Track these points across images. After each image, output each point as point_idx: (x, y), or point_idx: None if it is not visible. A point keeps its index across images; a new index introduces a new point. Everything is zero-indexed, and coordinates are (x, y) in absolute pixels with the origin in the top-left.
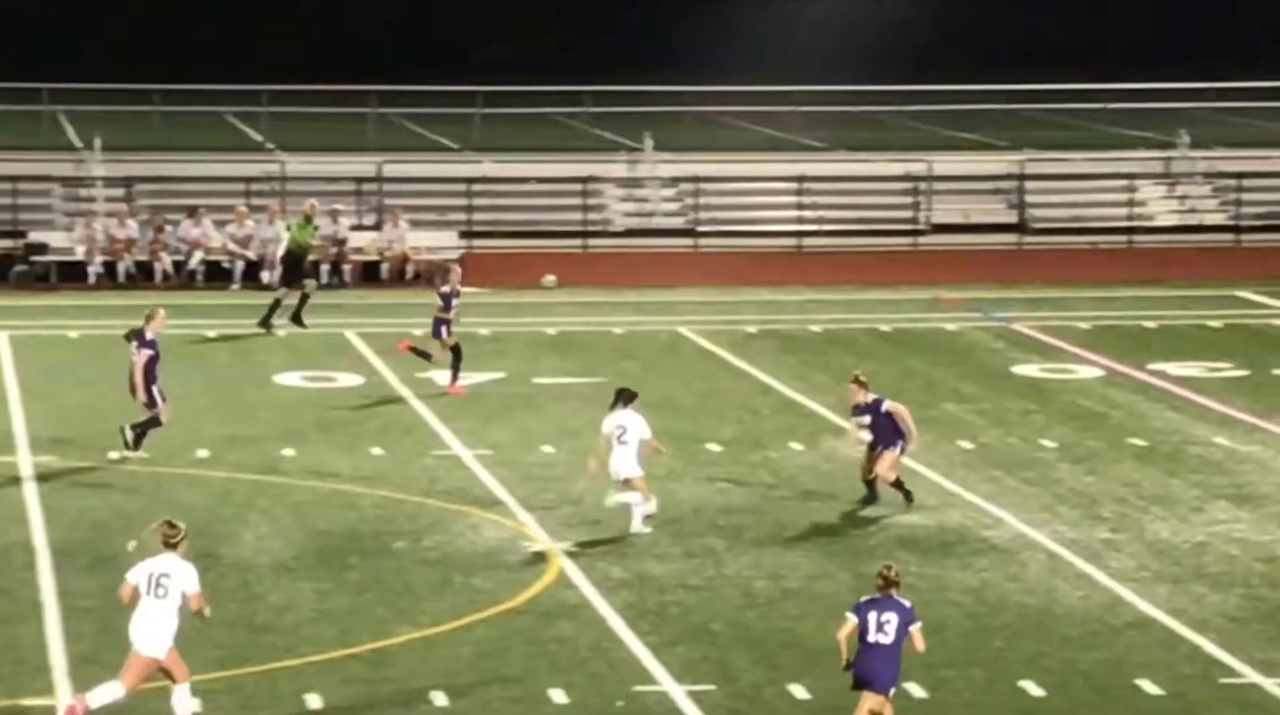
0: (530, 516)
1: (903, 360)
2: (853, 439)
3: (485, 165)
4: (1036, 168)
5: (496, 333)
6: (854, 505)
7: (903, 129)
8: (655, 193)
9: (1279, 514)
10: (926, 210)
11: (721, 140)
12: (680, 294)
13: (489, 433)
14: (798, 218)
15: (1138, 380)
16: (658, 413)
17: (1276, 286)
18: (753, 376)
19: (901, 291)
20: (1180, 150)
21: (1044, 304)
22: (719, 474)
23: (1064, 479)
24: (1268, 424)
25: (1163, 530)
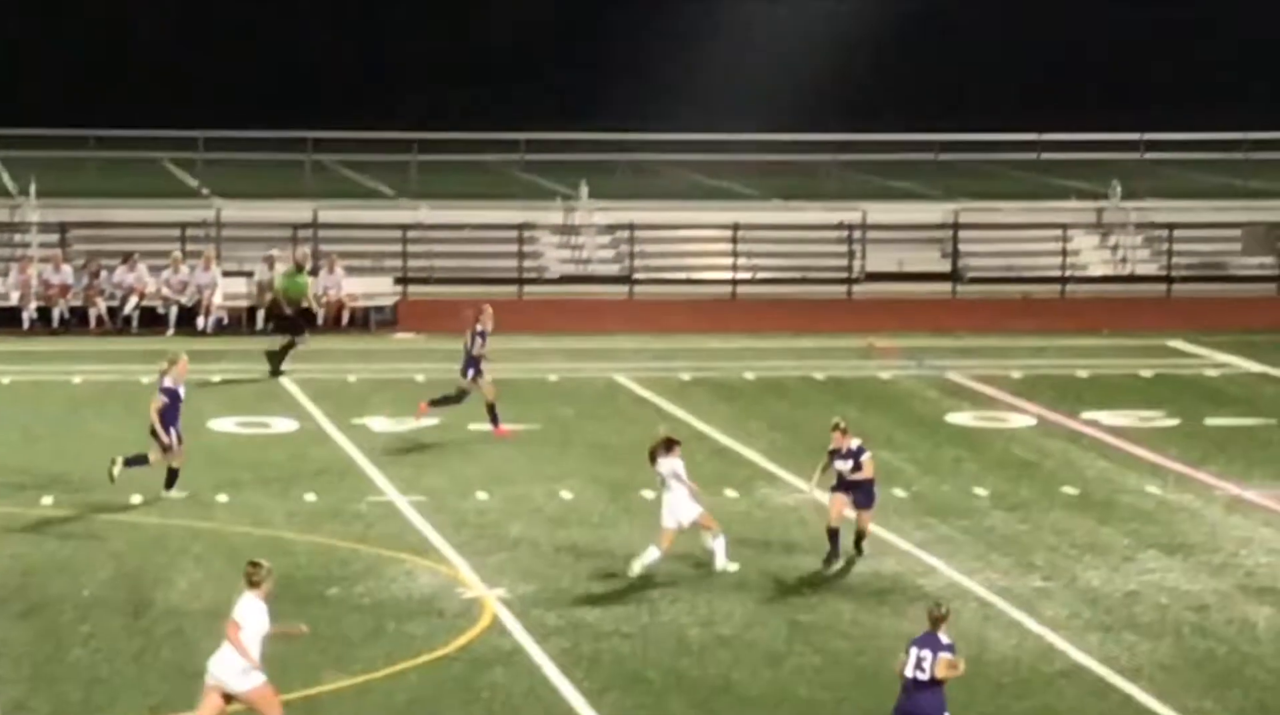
0: (464, 563)
1: (836, 408)
2: (813, 497)
3: (421, 212)
4: (970, 217)
5: (431, 379)
6: (788, 552)
7: (837, 178)
8: (591, 240)
9: (1210, 563)
10: (861, 259)
11: (657, 188)
12: (615, 341)
13: (423, 479)
14: (732, 265)
15: (1070, 429)
16: (592, 460)
17: (1207, 336)
18: (687, 423)
19: (836, 339)
20: (1112, 201)
21: (977, 353)
22: (654, 521)
23: (996, 527)
24: (1199, 473)
25: (1094, 579)
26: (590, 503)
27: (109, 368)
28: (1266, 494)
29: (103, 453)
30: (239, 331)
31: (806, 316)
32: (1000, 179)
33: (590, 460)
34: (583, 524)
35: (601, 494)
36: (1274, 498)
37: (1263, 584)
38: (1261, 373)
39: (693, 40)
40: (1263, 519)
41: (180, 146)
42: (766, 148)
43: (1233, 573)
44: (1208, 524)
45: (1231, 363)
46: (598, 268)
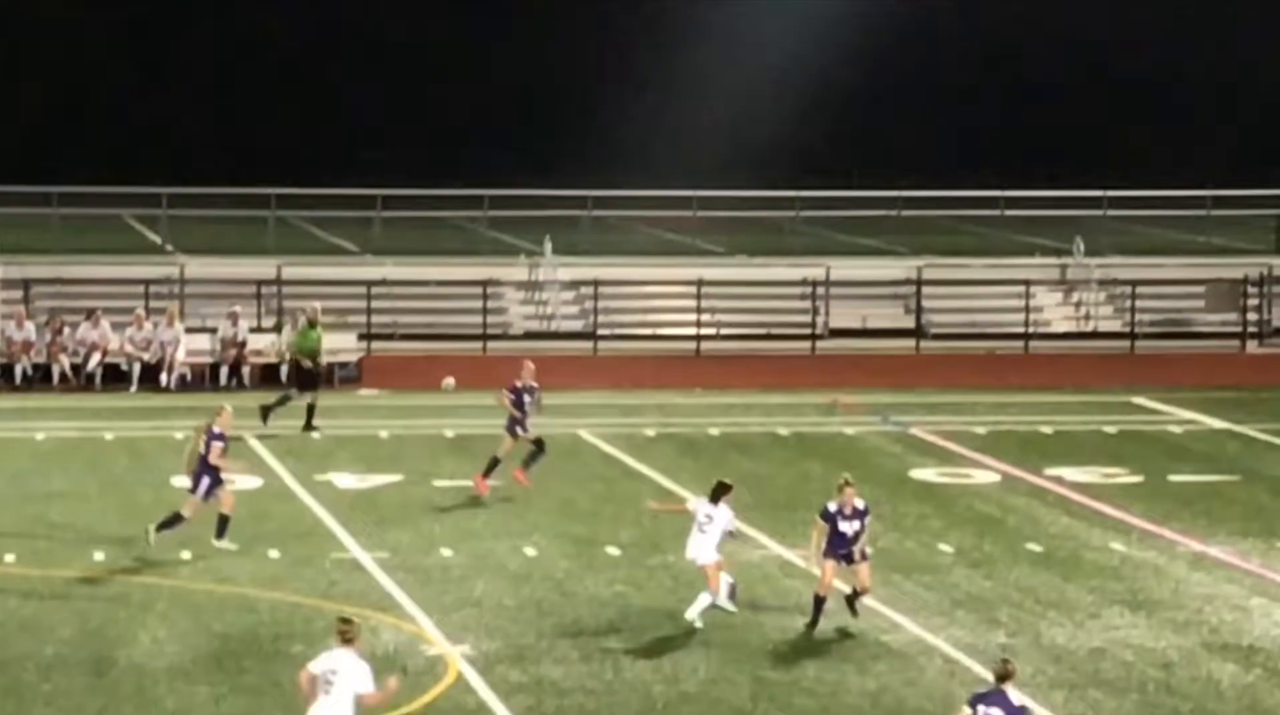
0: (428, 619)
1: (801, 464)
2: (814, 558)
3: (385, 268)
4: (934, 273)
5: (395, 435)
6: (753, 609)
7: (801, 234)
8: (555, 296)
9: (1174, 620)
10: (824, 315)
11: (620, 244)
12: (580, 397)
13: (387, 535)
14: (696, 321)
15: (1034, 485)
16: (556, 516)
17: (1171, 393)
18: (652, 479)
19: (800, 395)
20: (1076, 257)
21: (941, 408)
22: (618, 577)
23: (961, 583)
24: (1163, 530)
25: (1059, 636)
26: (554, 559)
27: (72, 425)
28: (1230, 550)
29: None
30: (202, 388)
31: (771, 372)
32: (964, 235)
33: (554, 516)
34: (547, 580)
35: (566, 550)
36: (1237, 554)
37: (1226, 641)
38: (1225, 429)
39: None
40: (1226, 575)
41: (144, 203)
42: (731, 203)
43: (1197, 629)
44: (1172, 580)
45: (1195, 419)
46: (562, 324)
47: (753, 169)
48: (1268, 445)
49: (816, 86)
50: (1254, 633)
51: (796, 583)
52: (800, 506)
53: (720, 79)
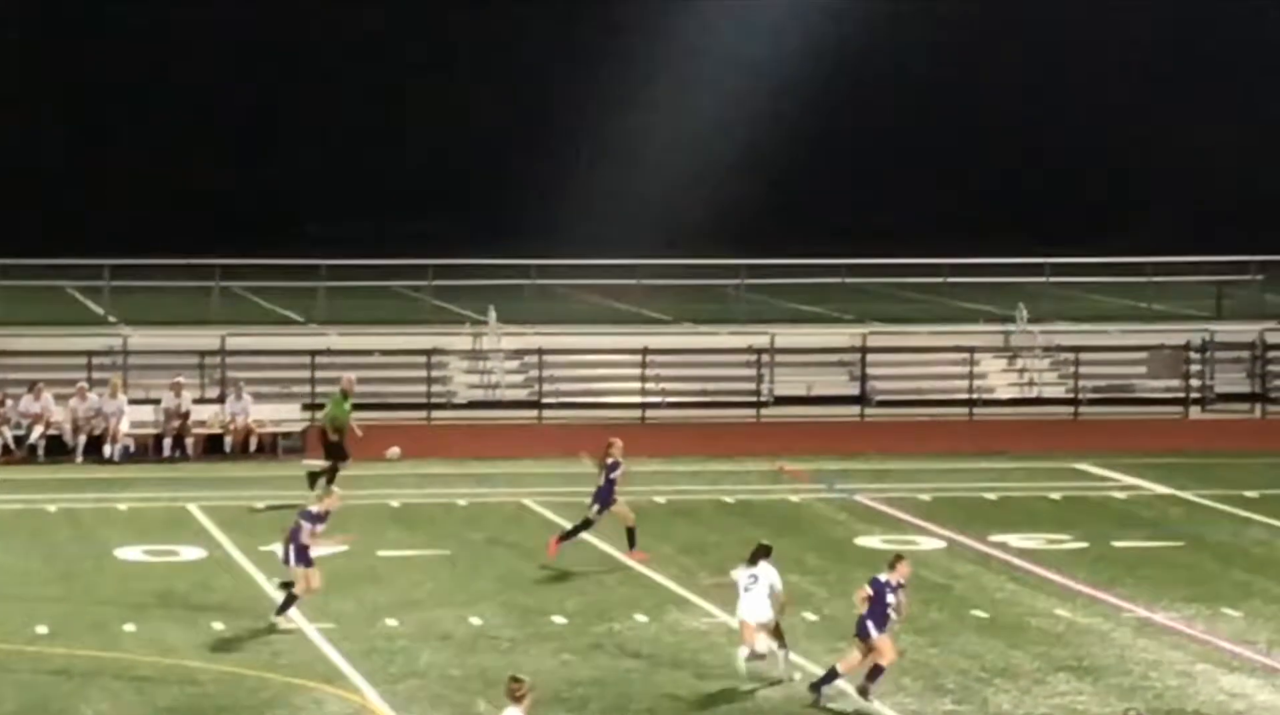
0: (373, 690)
1: (746, 531)
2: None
3: (329, 338)
4: (878, 340)
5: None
6: (699, 676)
7: (745, 302)
8: (499, 365)
9: (1120, 685)
10: (769, 382)
11: (565, 313)
12: (524, 466)
13: (332, 605)
14: (641, 389)
15: (979, 552)
16: (502, 585)
17: (1115, 459)
18: (597, 548)
19: (745, 463)
20: (1019, 324)
21: (886, 476)
22: (564, 646)
23: (906, 651)
24: (1108, 596)
25: (1005, 702)
26: (500, 628)
27: (14, 497)
28: (1175, 616)
29: (8, 582)
30: (146, 459)
31: (716, 440)
32: (908, 302)
33: (500, 585)
34: (493, 650)
35: (512, 619)
36: (1182, 620)
37: (1171, 706)
38: (1169, 495)
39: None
40: (1171, 641)
41: (86, 274)
42: (675, 272)
43: (1142, 695)
44: (1117, 646)
45: (1139, 485)
46: (506, 393)
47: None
48: (1211, 511)
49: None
50: (1198, 699)
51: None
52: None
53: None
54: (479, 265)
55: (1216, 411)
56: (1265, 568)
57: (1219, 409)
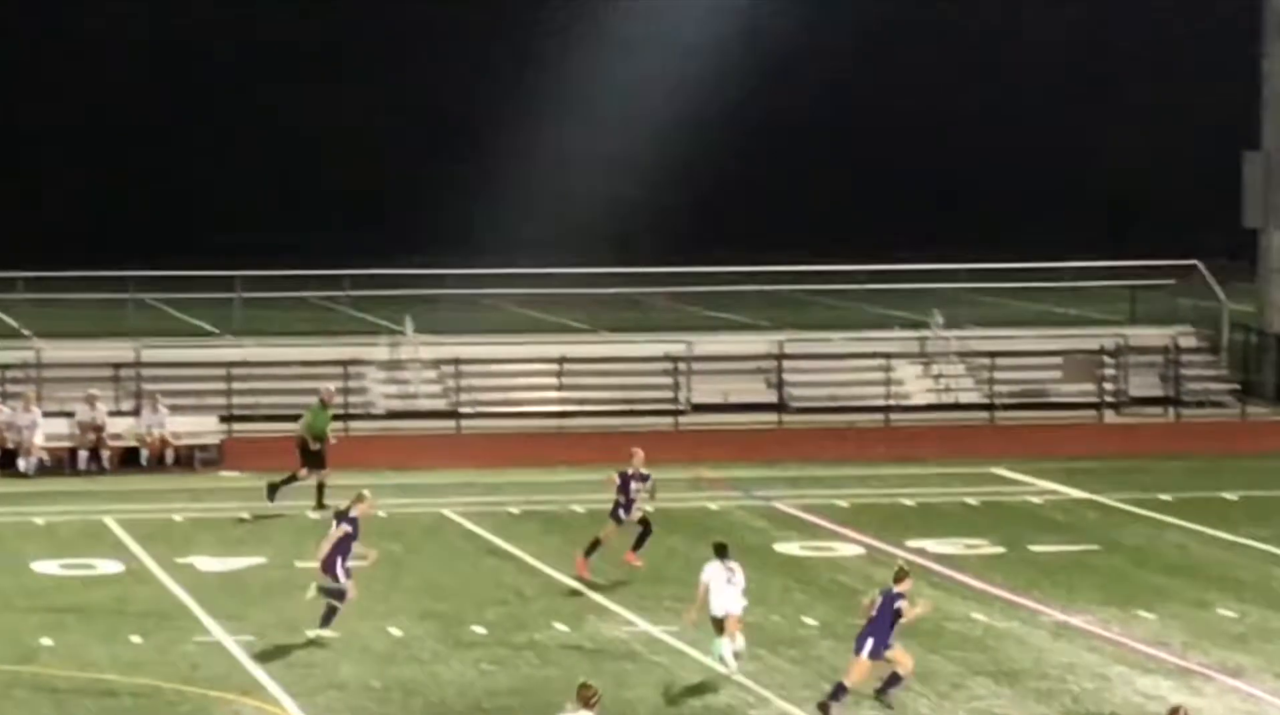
0: (293, 702)
1: (664, 540)
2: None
3: (245, 349)
4: (795, 347)
5: (258, 517)
6: (619, 684)
7: (662, 310)
8: (417, 375)
9: (1037, 689)
10: (686, 390)
11: (482, 322)
12: (443, 476)
13: (250, 618)
14: (559, 398)
15: (897, 557)
16: (421, 596)
17: (1031, 463)
18: (517, 557)
19: (663, 471)
20: (934, 330)
21: (804, 482)
22: (484, 656)
23: (826, 656)
24: (1025, 600)
25: (923, 707)
26: (420, 639)
27: None
28: (1090, 619)
29: None
30: (61, 472)
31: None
32: (824, 309)
33: (419, 596)
34: (413, 661)
35: (431, 630)
36: (1098, 623)
37: (1088, 709)
38: (1085, 499)
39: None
40: (1087, 644)
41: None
42: (592, 280)
43: (1059, 698)
44: (1034, 650)
45: (1055, 489)
46: (424, 403)
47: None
48: (1126, 514)
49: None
50: (1115, 701)
51: (663, 659)
52: (665, 582)
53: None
54: (395, 275)
55: (1131, 415)
56: (1180, 570)
57: (1133, 413)
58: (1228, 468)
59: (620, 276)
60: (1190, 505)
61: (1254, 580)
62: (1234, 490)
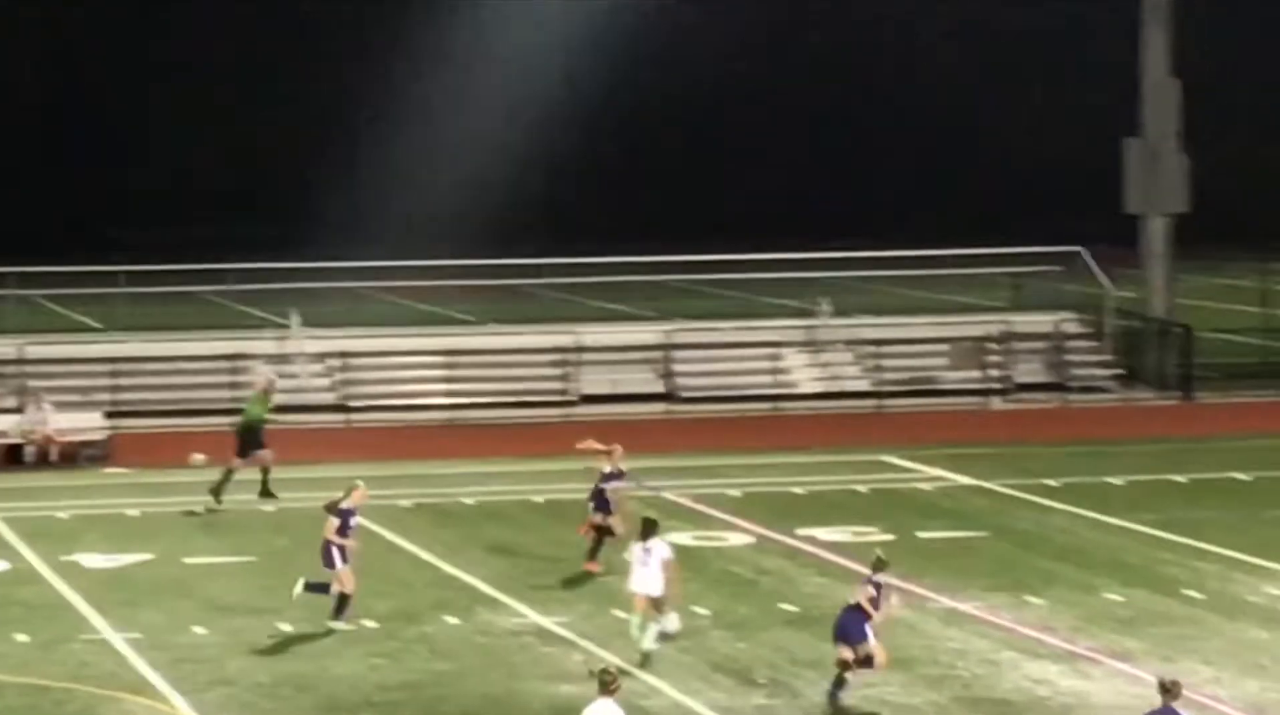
0: (183, 700)
1: (556, 531)
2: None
3: (130, 345)
4: (683, 337)
5: (145, 513)
6: (511, 676)
7: (550, 301)
8: (304, 368)
9: (928, 676)
10: (575, 381)
11: (369, 315)
12: (331, 470)
13: (139, 615)
14: (448, 391)
15: (788, 546)
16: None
17: (919, 451)
18: (407, 551)
19: (554, 463)
20: (822, 318)
21: (694, 472)
22: (374, 650)
23: (717, 646)
24: (915, 586)
25: (815, 695)
26: (310, 634)
27: None
28: (980, 605)
29: None
30: None
31: (524, 440)
32: (712, 298)
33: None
34: (302, 656)
35: (321, 625)
36: (988, 609)
37: (978, 695)
38: (973, 485)
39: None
40: (977, 630)
41: None
42: (480, 272)
43: (950, 685)
44: (925, 636)
45: (943, 476)
46: (312, 397)
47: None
48: (1014, 500)
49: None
50: (1005, 686)
51: (553, 650)
52: (557, 574)
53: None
54: (280, 268)
55: (1017, 401)
56: (1067, 555)
57: (1019, 399)
58: (1113, 452)
59: (508, 268)
60: (1077, 490)
61: (1140, 564)
62: (1119, 475)
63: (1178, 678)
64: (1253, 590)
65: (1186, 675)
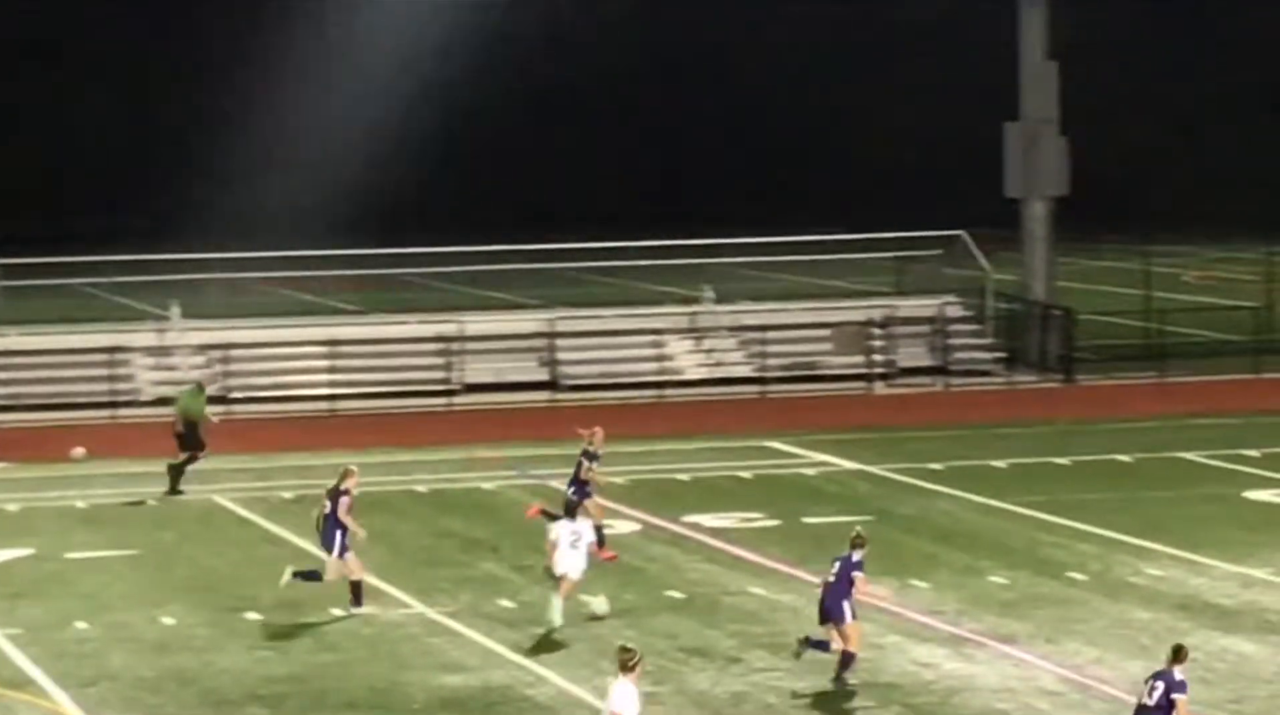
0: (65, 695)
1: (440, 521)
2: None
3: (7, 338)
4: (567, 325)
5: (25, 508)
6: (398, 668)
7: (433, 290)
8: (185, 360)
9: (813, 661)
10: (459, 370)
11: (250, 306)
12: (214, 461)
13: (19, 611)
14: (330, 381)
15: (673, 533)
16: (194, 584)
17: (803, 436)
18: (291, 542)
19: (437, 452)
20: (705, 305)
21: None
22: (259, 643)
23: (604, 634)
24: (801, 572)
25: (702, 681)
26: (193, 627)
27: None
28: (865, 590)
29: None
30: None
31: (406, 430)
32: (595, 286)
33: (192, 584)
34: (187, 650)
35: (205, 618)
36: (873, 595)
37: (864, 680)
38: (857, 470)
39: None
40: (861, 615)
41: None
42: (363, 262)
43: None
44: (810, 622)
45: (828, 461)
46: None
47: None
48: (898, 484)
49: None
50: (891, 671)
51: (439, 640)
52: (440, 564)
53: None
54: (161, 260)
55: (900, 386)
56: (951, 538)
57: (902, 383)
58: (995, 436)
59: (389, 257)
60: (960, 474)
61: (1023, 547)
62: (1002, 458)
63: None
64: (1135, 571)
65: (1070, 657)
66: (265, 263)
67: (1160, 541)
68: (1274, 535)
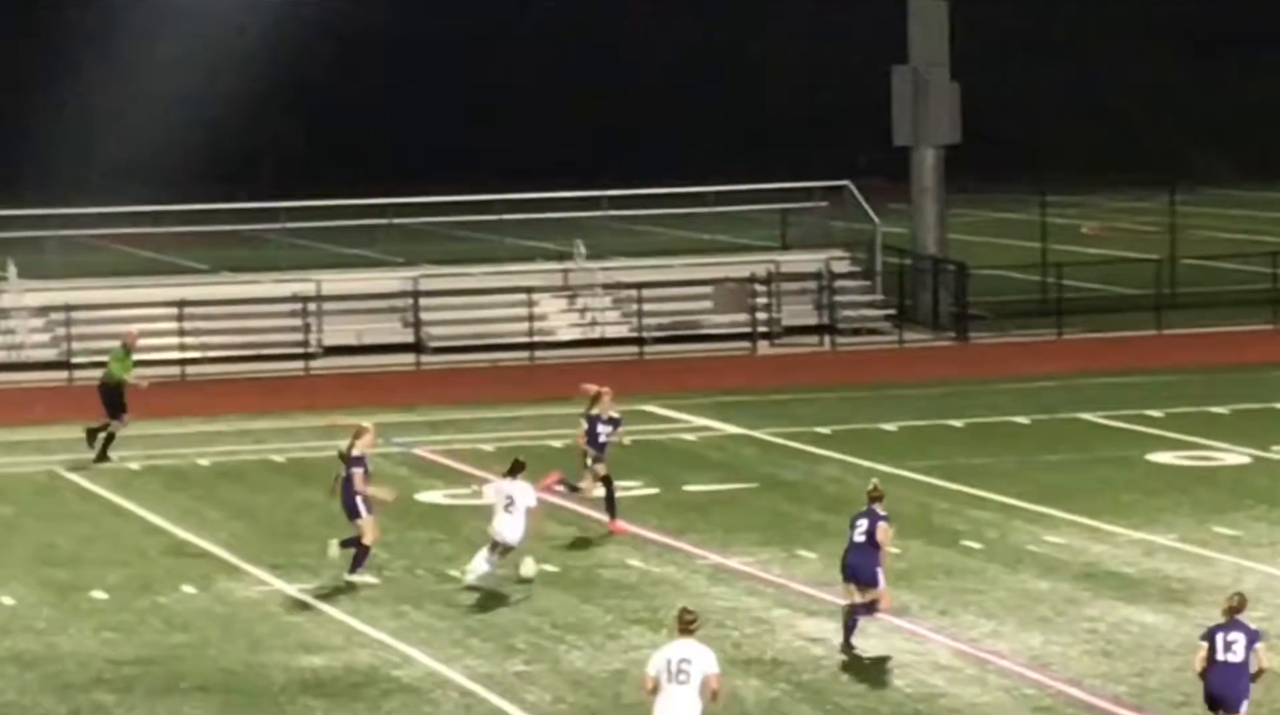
0: None
1: (299, 492)
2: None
3: None
4: (431, 283)
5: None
6: (254, 649)
7: (287, 248)
8: (23, 323)
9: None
10: (317, 332)
11: (93, 265)
12: (54, 431)
13: None
14: (180, 344)
15: (546, 504)
16: (35, 561)
17: (681, 399)
18: (139, 516)
19: (295, 419)
20: (578, 261)
21: (446, 426)
22: (105, 623)
23: (473, 610)
24: (680, 543)
25: (578, 659)
26: (35, 608)
27: None
28: (750, 561)
29: None
30: None
31: (262, 396)
32: (460, 242)
33: (33, 562)
34: (27, 631)
35: (47, 597)
36: (758, 565)
37: (749, 655)
38: (740, 434)
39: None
40: (746, 587)
41: None
42: (211, 217)
43: (720, 645)
44: (692, 595)
45: (709, 426)
46: (32, 353)
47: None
48: (784, 449)
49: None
50: (777, 646)
51: (299, 619)
52: (299, 539)
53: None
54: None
55: (785, 346)
56: (839, 506)
57: (787, 343)
58: (886, 397)
59: (240, 213)
60: (849, 437)
61: (915, 513)
62: (893, 421)
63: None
64: (1033, 539)
65: (966, 630)
66: (109, 219)
67: (1059, 507)
68: (1178, 500)
